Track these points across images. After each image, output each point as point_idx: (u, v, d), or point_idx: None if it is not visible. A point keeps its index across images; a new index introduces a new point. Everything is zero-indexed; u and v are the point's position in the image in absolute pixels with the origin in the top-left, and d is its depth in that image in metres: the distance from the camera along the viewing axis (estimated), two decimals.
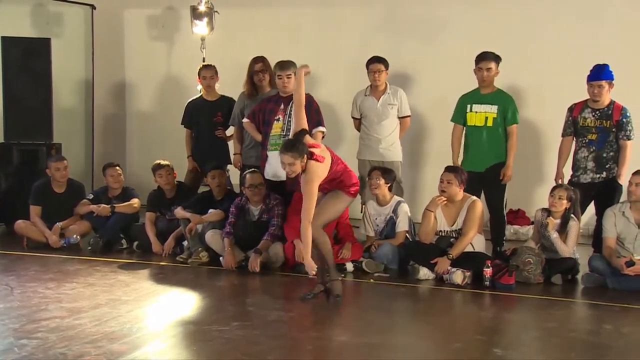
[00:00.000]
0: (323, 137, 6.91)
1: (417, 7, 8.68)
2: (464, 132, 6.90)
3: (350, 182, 5.32)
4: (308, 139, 5.20)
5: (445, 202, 6.28)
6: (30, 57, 8.22)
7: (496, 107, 6.71)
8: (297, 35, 9.05)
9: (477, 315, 5.47)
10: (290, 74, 6.52)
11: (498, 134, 6.75)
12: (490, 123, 6.71)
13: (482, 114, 6.73)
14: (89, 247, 7.07)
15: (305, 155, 5.05)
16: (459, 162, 6.84)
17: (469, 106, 6.80)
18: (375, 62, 7.22)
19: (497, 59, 6.75)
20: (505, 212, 6.96)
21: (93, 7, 9.57)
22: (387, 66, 7.23)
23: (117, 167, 7.47)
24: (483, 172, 6.73)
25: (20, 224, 7.22)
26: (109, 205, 7.25)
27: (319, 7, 9.05)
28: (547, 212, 6.26)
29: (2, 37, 8.23)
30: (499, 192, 6.82)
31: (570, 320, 5.30)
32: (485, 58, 6.71)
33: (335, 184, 5.28)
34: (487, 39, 8.24)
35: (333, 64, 8.79)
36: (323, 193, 5.31)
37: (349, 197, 5.35)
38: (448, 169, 6.39)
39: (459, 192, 6.31)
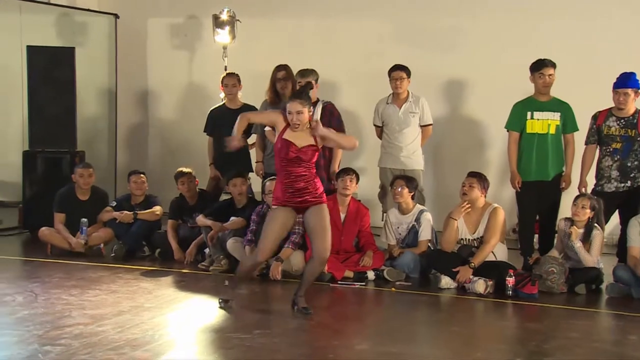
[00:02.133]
0: None
1: (433, 17, 8.66)
2: (520, 140, 6.70)
3: (321, 189, 5.23)
4: None
5: (469, 209, 6.25)
6: (55, 66, 8.30)
7: (558, 114, 6.60)
8: (316, 43, 9.07)
9: (499, 325, 5.44)
10: (310, 81, 6.55)
11: (560, 142, 6.66)
12: (553, 131, 6.58)
13: (545, 121, 6.58)
14: (112, 255, 7.11)
15: (311, 107, 5.22)
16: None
17: (529, 113, 6.62)
18: (398, 70, 7.21)
19: (555, 65, 6.64)
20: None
21: (117, 16, 9.66)
22: (409, 74, 7.22)
23: (142, 175, 7.51)
24: (550, 180, 6.62)
25: (44, 231, 7.28)
26: (132, 213, 7.29)
27: (338, 17, 9.05)
28: (571, 221, 6.21)
29: (27, 46, 8.32)
30: (557, 202, 6.72)
31: (594, 330, 5.26)
32: (547, 65, 6.57)
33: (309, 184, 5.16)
34: (503, 47, 8.26)
35: (351, 72, 8.81)
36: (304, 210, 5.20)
37: (324, 203, 5.23)
38: (471, 174, 6.37)
39: (480, 198, 6.29)
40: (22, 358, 4.15)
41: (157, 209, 7.40)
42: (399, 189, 6.65)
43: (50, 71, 8.28)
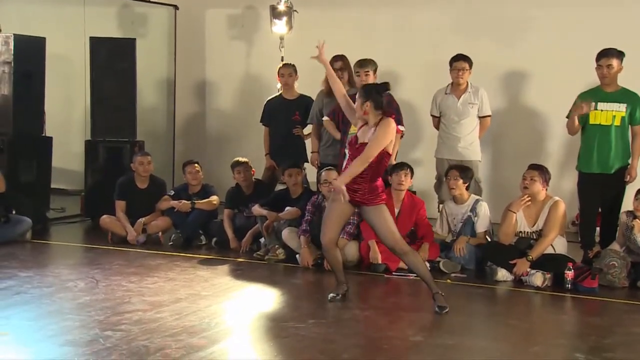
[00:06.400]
0: (402, 136, 6.88)
1: (495, 8, 8.53)
2: (583, 131, 6.52)
3: (380, 190, 5.19)
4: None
5: (529, 202, 6.14)
6: (117, 57, 8.43)
7: (624, 105, 6.36)
8: (374, 34, 9.02)
9: (558, 319, 5.35)
10: (368, 71, 6.56)
11: (626, 134, 6.44)
12: (617, 122, 6.36)
13: (610, 112, 6.36)
14: (170, 243, 7.23)
15: (381, 111, 5.06)
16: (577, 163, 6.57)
17: (592, 104, 6.42)
18: (460, 60, 7.12)
19: (619, 55, 6.36)
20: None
21: (176, 7, 9.79)
22: (471, 65, 7.13)
23: (196, 165, 7.60)
24: (611, 174, 6.41)
25: (105, 219, 7.44)
26: (189, 202, 7.40)
27: (395, 7, 8.99)
28: (633, 214, 6.05)
29: (90, 37, 8.49)
30: (621, 195, 6.52)
31: None
32: (606, 55, 6.33)
33: (368, 186, 5.13)
34: (566, 38, 8.08)
35: (409, 63, 8.74)
36: (358, 206, 5.21)
37: (383, 203, 5.21)
38: (532, 167, 6.25)
39: (541, 191, 6.16)
40: (84, 342, 4.27)
41: (214, 198, 7.49)
42: (454, 180, 6.56)
43: (112, 62, 8.42)
